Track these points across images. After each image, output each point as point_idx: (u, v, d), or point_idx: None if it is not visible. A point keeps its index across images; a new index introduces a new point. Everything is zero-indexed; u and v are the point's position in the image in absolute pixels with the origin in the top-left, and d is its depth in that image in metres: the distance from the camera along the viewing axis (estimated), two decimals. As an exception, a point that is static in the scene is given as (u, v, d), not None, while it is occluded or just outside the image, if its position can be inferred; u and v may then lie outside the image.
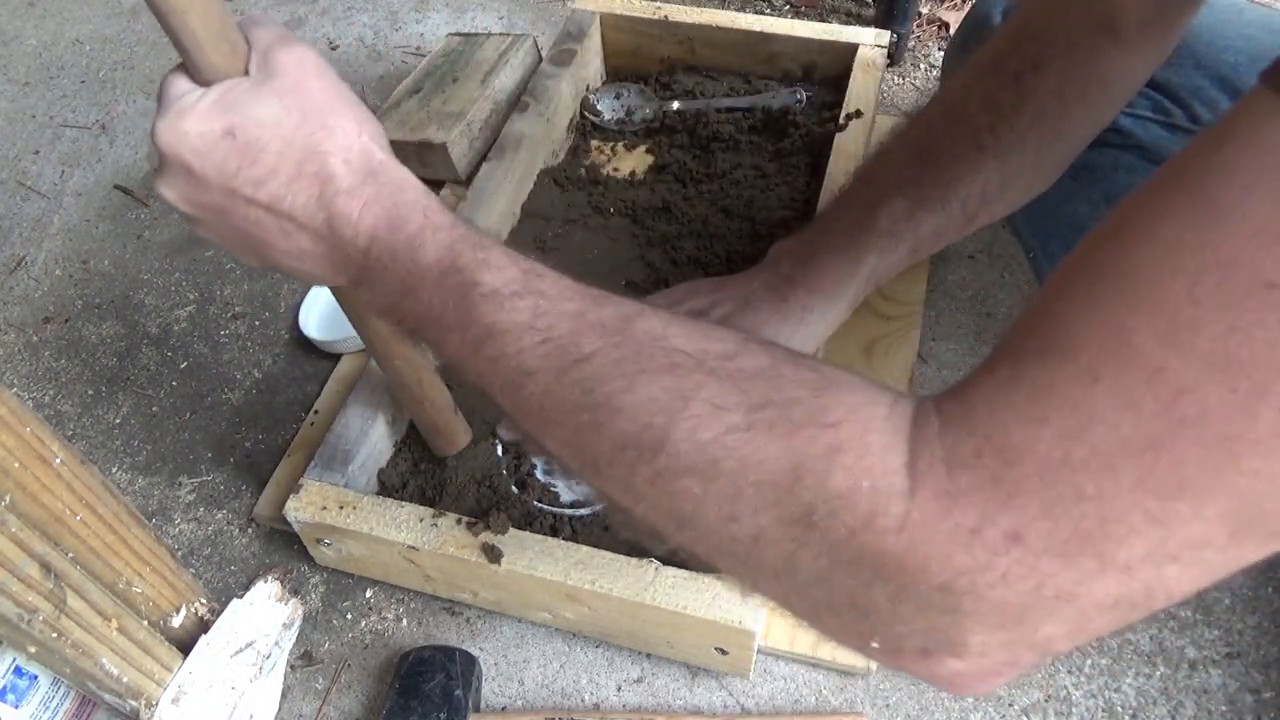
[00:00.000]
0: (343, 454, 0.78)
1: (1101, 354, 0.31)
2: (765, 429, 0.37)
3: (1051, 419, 0.32)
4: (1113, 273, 0.32)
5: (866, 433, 0.36)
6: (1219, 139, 0.31)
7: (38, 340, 1.04)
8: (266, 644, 0.74)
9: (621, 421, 0.40)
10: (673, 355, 0.40)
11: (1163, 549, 0.31)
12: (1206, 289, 0.29)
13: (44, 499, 0.58)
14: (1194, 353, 0.29)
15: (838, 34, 1.08)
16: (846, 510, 0.34)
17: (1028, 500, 0.32)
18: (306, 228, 0.49)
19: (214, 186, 0.49)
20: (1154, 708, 0.73)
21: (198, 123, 0.48)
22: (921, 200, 0.69)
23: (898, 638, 0.36)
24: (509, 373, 0.44)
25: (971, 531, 0.32)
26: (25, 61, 1.39)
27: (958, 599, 0.33)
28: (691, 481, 0.38)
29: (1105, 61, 0.62)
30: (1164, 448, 0.30)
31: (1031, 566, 0.32)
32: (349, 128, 0.50)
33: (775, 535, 0.36)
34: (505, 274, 0.46)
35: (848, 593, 0.36)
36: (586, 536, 0.77)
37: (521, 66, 1.15)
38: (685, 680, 0.76)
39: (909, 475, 0.34)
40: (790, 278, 0.75)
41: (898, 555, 0.34)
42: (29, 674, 0.66)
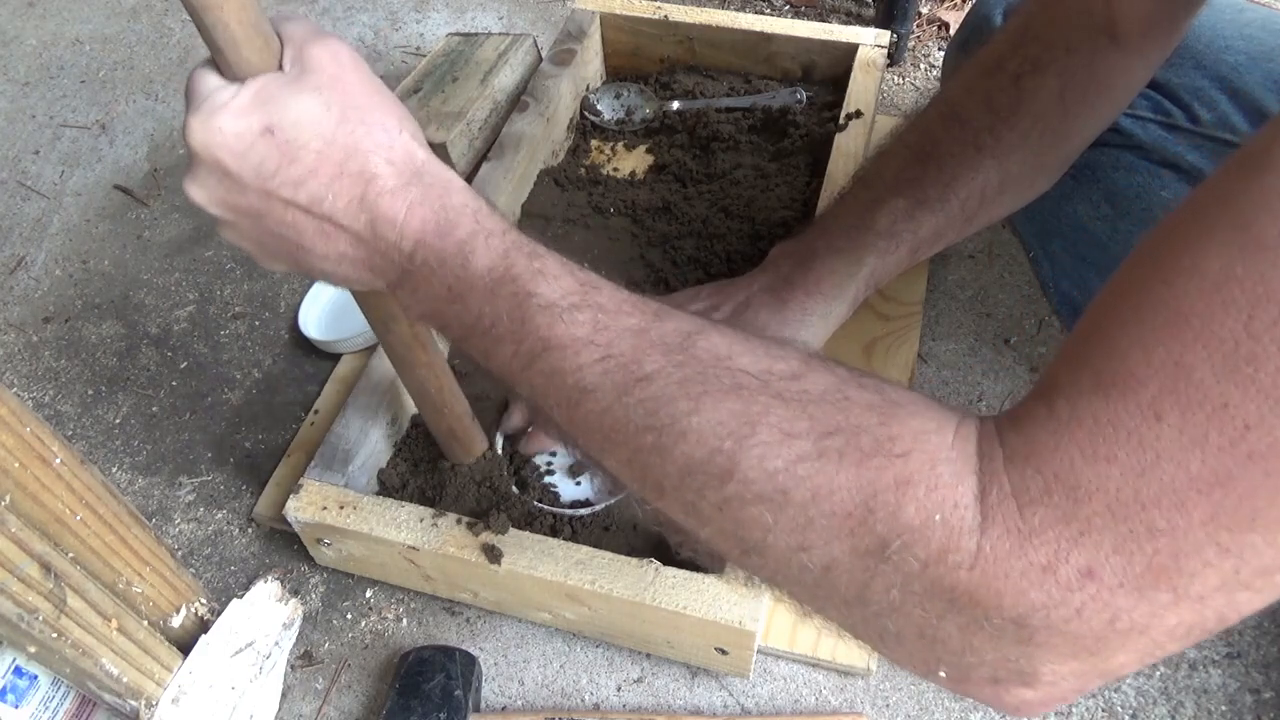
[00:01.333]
0: (343, 454, 0.78)
1: (1163, 391, 0.31)
2: (835, 457, 0.37)
3: (1118, 457, 0.32)
4: (1163, 307, 0.32)
5: (935, 464, 0.36)
6: (1257, 164, 0.31)
7: (38, 340, 1.04)
8: (266, 644, 0.74)
9: (687, 445, 0.39)
10: (737, 376, 0.40)
11: (1236, 578, 0.32)
12: (1263, 324, 0.29)
13: (44, 499, 0.58)
14: (1255, 387, 0.30)
15: (838, 34, 1.08)
16: (919, 544, 0.35)
17: (1100, 537, 0.32)
18: (347, 230, 0.47)
19: (251, 187, 0.47)
20: (1154, 708, 0.73)
21: (234, 120, 0.45)
22: (921, 201, 0.70)
23: (967, 667, 0.36)
24: (566, 389, 0.43)
25: (1044, 568, 0.33)
26: (25, 61, 1.39)
27: (1031, 632, 0.34)
28: (761, 510, 0.38)
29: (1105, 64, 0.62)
30: (1233, 482, 0.30)
31: (1106, 602, 0.32)
32: (390, 125, 0.47)
33: (848, 566, 0.36)
34: (562, 284, 0.44)
35: (918, 623, 0.36)
36: (586, 537, 0.77)
37: (521, 66, 1.15)
38: (685, 680, 0.76)
39: (979, 510, 0.34)
40: (790, 279, 0.75)
41: (970, 590, 0.34)
42: (29, 674, 0.66)
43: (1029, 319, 0.97)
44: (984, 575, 0.34)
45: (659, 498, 0.42)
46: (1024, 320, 0.97)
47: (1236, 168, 0.32)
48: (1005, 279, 1.01)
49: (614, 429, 0.42)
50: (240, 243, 0.51)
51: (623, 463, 0.43)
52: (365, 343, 0.95)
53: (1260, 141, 0.32)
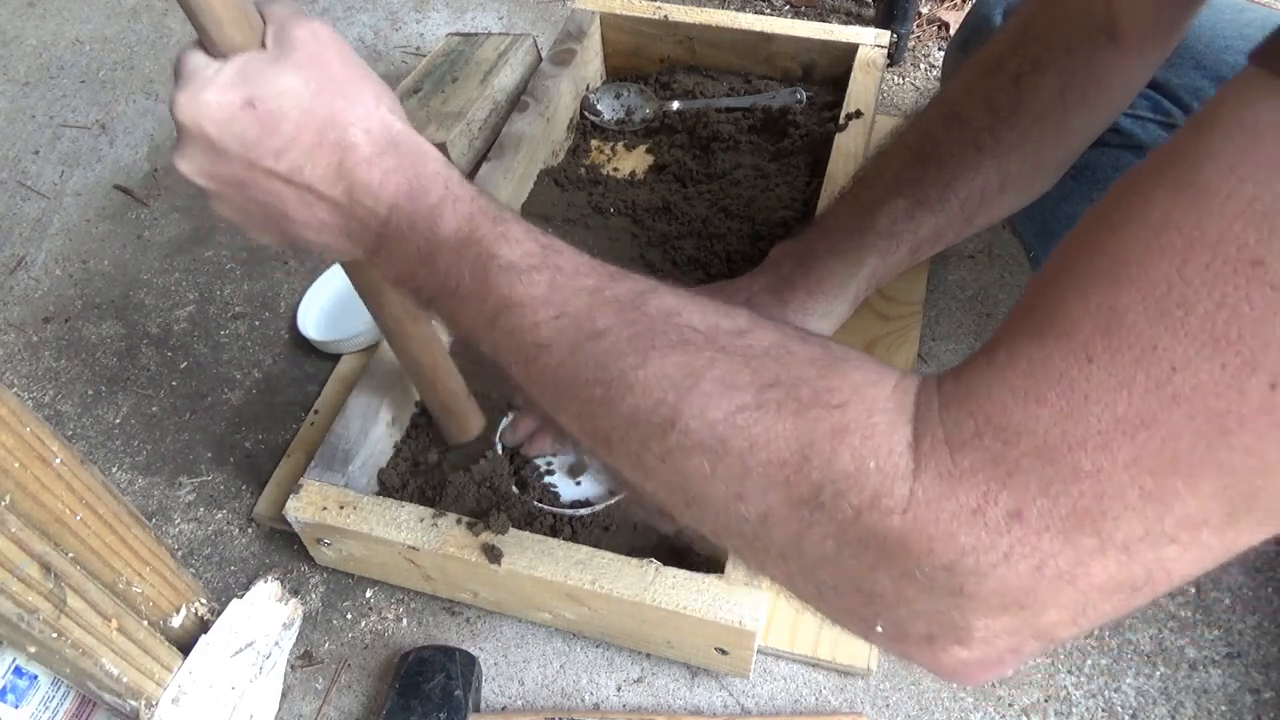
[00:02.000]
0: (343, 454, 0.78)
1: (1095, 334, 0.32)
2: (774, 408, 0.37)
3: (1048, 398, 0.32)
4: (1104, 254, 0.33)
5: (871, 413, 0.36)
6: (1207, 120, 0.31)
7: (38, 340, 1.04)
8: (266, 644, 0.74)
9: (633, 397, 0.40)
10: (684, 332, 0.41)
11: (1160, 527, 0.31)
12: (1195, 268, 0.30)
13: (44, 499, 0.58)
14: (1184, 330, 0.30)
15: (838, 34, 1.08)
16: (853, 491, 0.35)
17: (1027, 479, 0.32)
18: (325, 197, 0.49)
19: (234, 157, 0.49)
20: (1154, 708, 0.73)
21: (218, 94, 0.48)
22: (921, 201, 0.69)
23: (902, 621, 0.36)
24: (524, 346, 0.45)
25: (974, 511, 0.33)
26: (25, 61, 1.39)
27: (962, 579, 0.34)
28: (701, 459, 0.38)
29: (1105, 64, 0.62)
30: (1157, 424, 0.30)
31: (1033, 545, 0.32)
32: (367, 98, 0.50)
33: (783, 515, 0.37)
34: (523, 247, 0.46)
35: (853, 575, 0.36)
36: (586, 537, 0.77)
37: (521, 66, 1.15)
38: (685, 680, 0.76)
39: (913, 456, 0.35)
40: (790, 279, 0.75)
41: (902, 535, 0.34)
42: (29, 674, 0.66)
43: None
44: (915, 520, 0.34)
45: (608, 451, 0.43)
46: (1024, 320, 0.97)
47: (1187, 126, 0.32)
48: (1005, 279, 1.01)
49: (567, 383, 0.43)
50: (229, 214, 0.53)
51: (574, 416, 0.44)
52: (364, 343, 0.95)
53: (1211, 102, 0.32)
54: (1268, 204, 0.29)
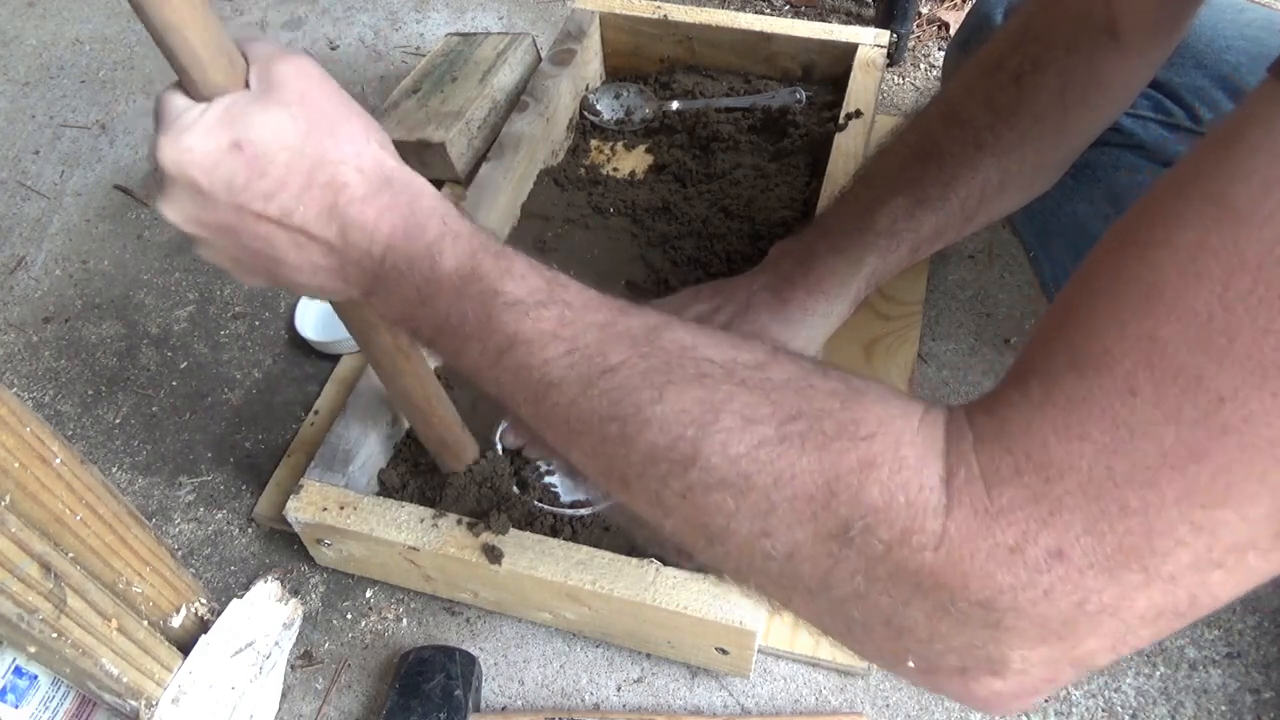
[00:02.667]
0: (343, 454, 0.78)
1: (1137, 366, 0.31)
2: (797, 442, 0.36)
3: (1091, 434, 0.31)
4: (1137, 282, 0.32)
5: (900, 446, 0.35)
6: (1231, 137, 0.31)
7: (38, 340, 1.04)
8: (266, 644, 0.74)
9: (651, 434, 0.39)
10: (701, 365, 0.40)
11: (1208, 557, 0.31)
12: (1237, 294, 0.29)
13: (44, 499, 0.58)
14: (1230, 359, 0.29)
15: (838, 34, 1.08)
16: (883, 526, 0.34)
17: (1071, 517, 0.32)
18: (319, 239, 0.48)
19: (222, 203, 0.47)
20: (1154, 708, 0.73)
21: (202, 138, 0.46)
22: (921, 200, 0.69)
23: (935, 656, 0.36)
24: (533, 384, 0.43)
25: (1012, 549, 0.32)
26: (25, 61, 1.39)
27: (999, 616, 0.33)
28: (724, 496, 0.37)
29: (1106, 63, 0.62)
30: (1208, 457, 0.30)
31: (1075, 583, 0.32)
32: (358, 135, 0.48)
33: (810, 551, 0.36)
34: (529, 283, 0.45)
35: (884, 610, 0.36)
36: (587, 537, 0.77)
37: (520, 66, 1.15)
38: (685, 680, 0.76)
39: (945, 491, 0.34)
40: (790, 278, 0.75)
41: (936, 572, 0.33)
42: (29, 674, 0.66)
43: (1029, 319, 0.97)
44: (949, 557, 0.33)
45: (624, 489, 0.42)
46: (1024, 320, 0.97)
47: (1209, 144, 0.32)
48: (1005, 279, 1.01)
49: (580, 421, 0.42)
50: (217, 260, 0.52)
51: (588, 454, 0.43)
52: (365, 343, 0.95)
53: (1233, 118, 0.31)
54: None
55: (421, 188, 0.49)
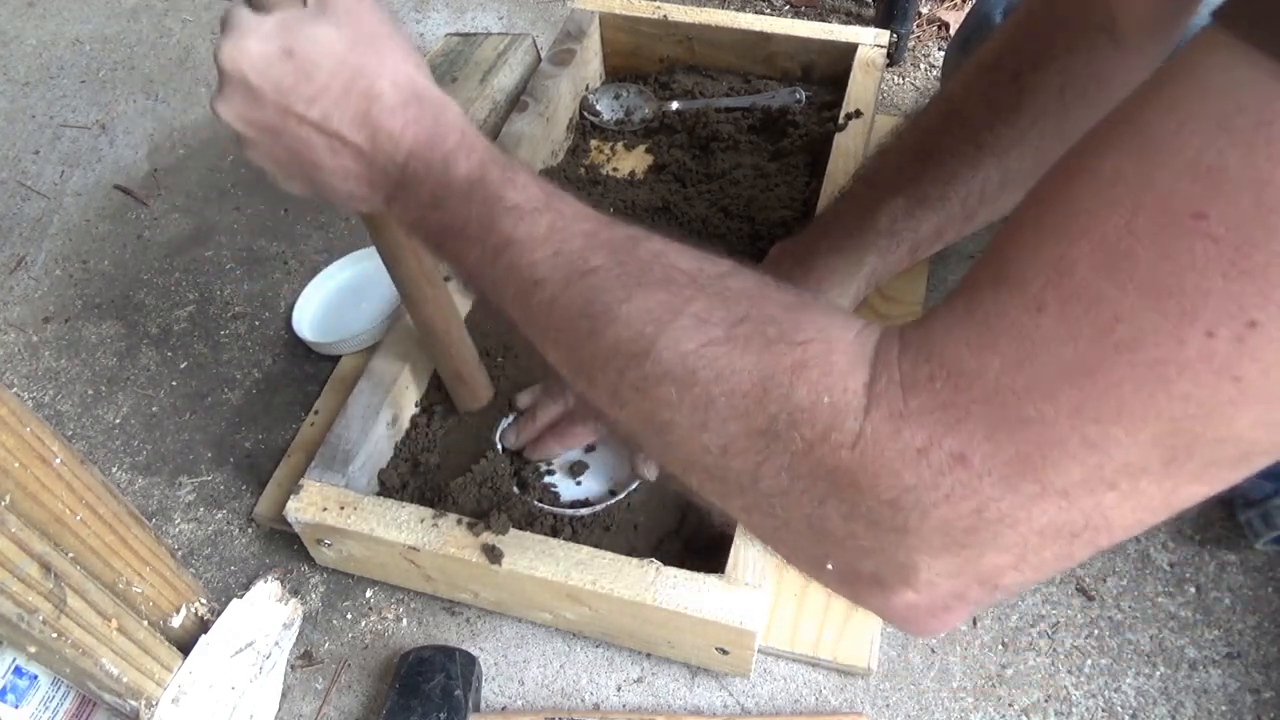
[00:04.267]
0: (343, 454, 0.78)
1: (1047, 285, 0.32)
2: (741, 343, 0.39)
3: (999, 346, 0.33)
4: (1059, 206, 0.33)
5: (832, 352, 0.38)
6: (1164, 77, 0.32)
7: (38, 340, 1.04)
8: (266, 644, 0.74)
9: (615, 329, 0.42)
10: (669, 271, 0.43)
11: (1099, 474, 0.32)
12: (1142, 221, 0.30)
13: (44, 499, 0.58)
14: (1130, 282, 0.31)
15: (837, 34, 1.08)
16: (806, 423, 0.37)
17: (974, 424, 0.33)
18: (350, 143, 0.52)
19: (269, 103, 0.52)
20: (1154, 708, 0.73)
21: (259, 42, 0.51)
22: (921, 199, 0.70)
23: (851, 560, 0.38)
24: (520, 281, 0.47)
25: (919, 451, 0.34)
26: (25, 61, 1.39)
27: (905, 516, 0.35)
28: (670, 388, 0.40)
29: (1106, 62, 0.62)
30: (1100, 373, 0.31)
31: (974, 488, 0.33)
32: (397, 55, 0.53)
33: (742, 446, 0.39)
34: (528, 192, 0.49)
35: (804, 509, 0.38)
36: (587, 537, 0.77)
37: (520, 66, 1.15)
38: (685, 680, 0.76)
39: (867, 395, 0.36)
40: (791, 278, 0.74)
41: (850, 470, 0.35)
42: (29, 674, 0.66)
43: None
44: (863, 455, 0.35)
45: (589, 383, 0.45)
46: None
47: (1145, 84, 0.33)
48: (1005, 279, 1.00)
49: (558, 317, 0.45)
50: (261, 160, 0.56)
51: (562, 348, 0.46)
52: (359, 345, 0.95)
53: (1169, 61, 0.32)
54: (1211, 159, 0.29)
55: (446, 104, 0.53)
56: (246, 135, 0.54)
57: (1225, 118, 0.29)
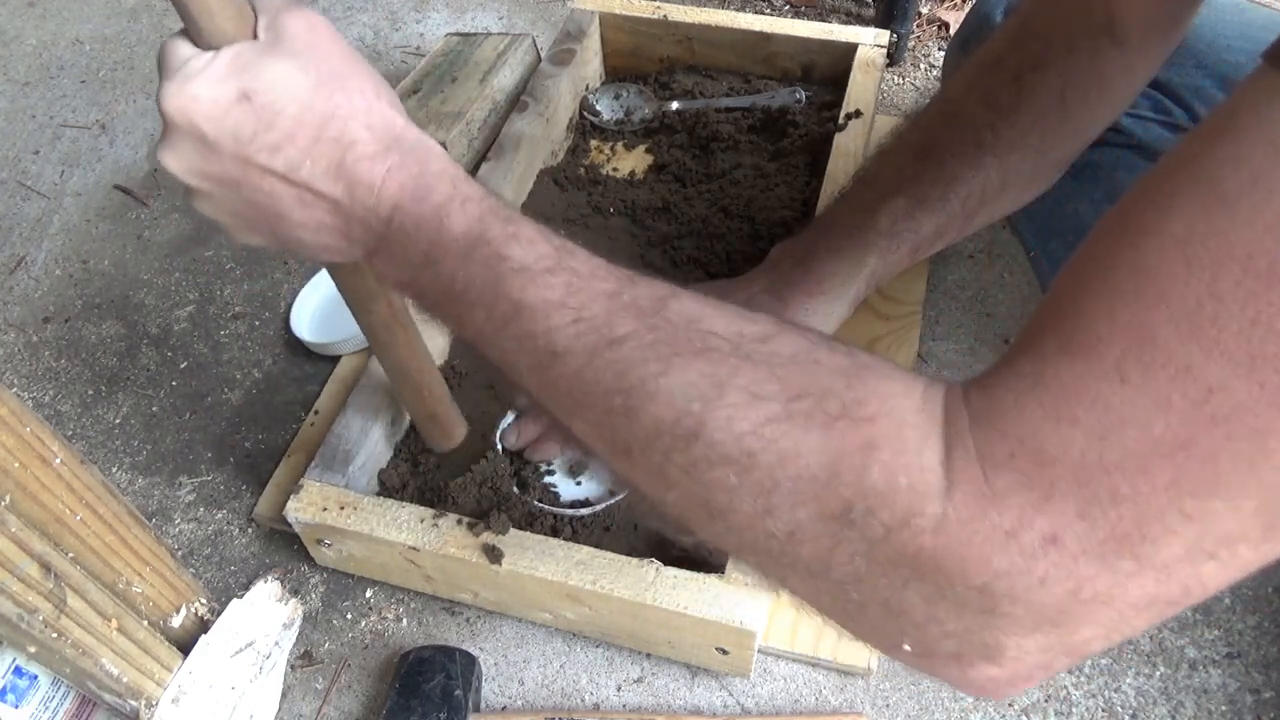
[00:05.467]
0: (343, 454, 0.78)
1: (1127, 353, 0.31)
2: (802, 420, 0.36)
3: (1082, 420, 0.31)
4: (1128, 269, 0.32)
5: (902, 427, 0.35)
6: (1223, 125, 0.31)
7: (38, 340, 1.04)
8: (266, 644, 0.74)
9: (656, 407, 0.39)
10: (707, 339, 0.39)
11: (1199, 547, 0.31)
12: (1226, 284, 0.29)
13: (44, 499, 0.57)
14: (1219, 349, 0.29)
15: (837, 34, 1.08)
16: (884, 508, 0.34)
17: (1064, 503, 0.32)
18: (325, 196, 0.47)
19: (227, 154, 0.46)
20: (1154, 708, 0.73)
21: (210, 86, 0.45)
22: (922, 200, 0.69)
23: (931, 640, 0.36)
24: (537, 352, 0.43)
25: (1008, 534, 0.32)
26: (25, 61, 1.39)
27: (995, 601, 0.33)
28: (727, 472, 0.37)
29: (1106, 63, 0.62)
30: (1196, 446, 0.30)
31: (1069, 570, 0.32)
32: (368, 92, 0.48)
33: (812, 531, 0.36)
34: (537, 249, 0.44)
35: (882, 593, 0.36)
36: (587, 537, 0.77)
37: (520, 66, 1.15)
38: (685, 680, 0.76)
39: (944, 474, 0.34)
40: (791, 279, 0.75)
41: (935, 555, 0.33)
42: (29, 674, 0.66)
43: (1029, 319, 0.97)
44: (948, 540, 0.33)
45: (627, 462, 0.41)
46: (1024, 320, 0.97)
47: (1203, 131, 0.32)
48: (1005, 279, 1.00)
49: (584, 392, 0.41)
50: (216, 214, 0.51)
51: (592, 425, 0.42)
52: (358, 345, 0.95)
53: (1227, 105, 0.31)
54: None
55: (430, 148, 0.48)
56: (199, 187, 0.49)
57: None
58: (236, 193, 0.48)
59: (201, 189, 0.49)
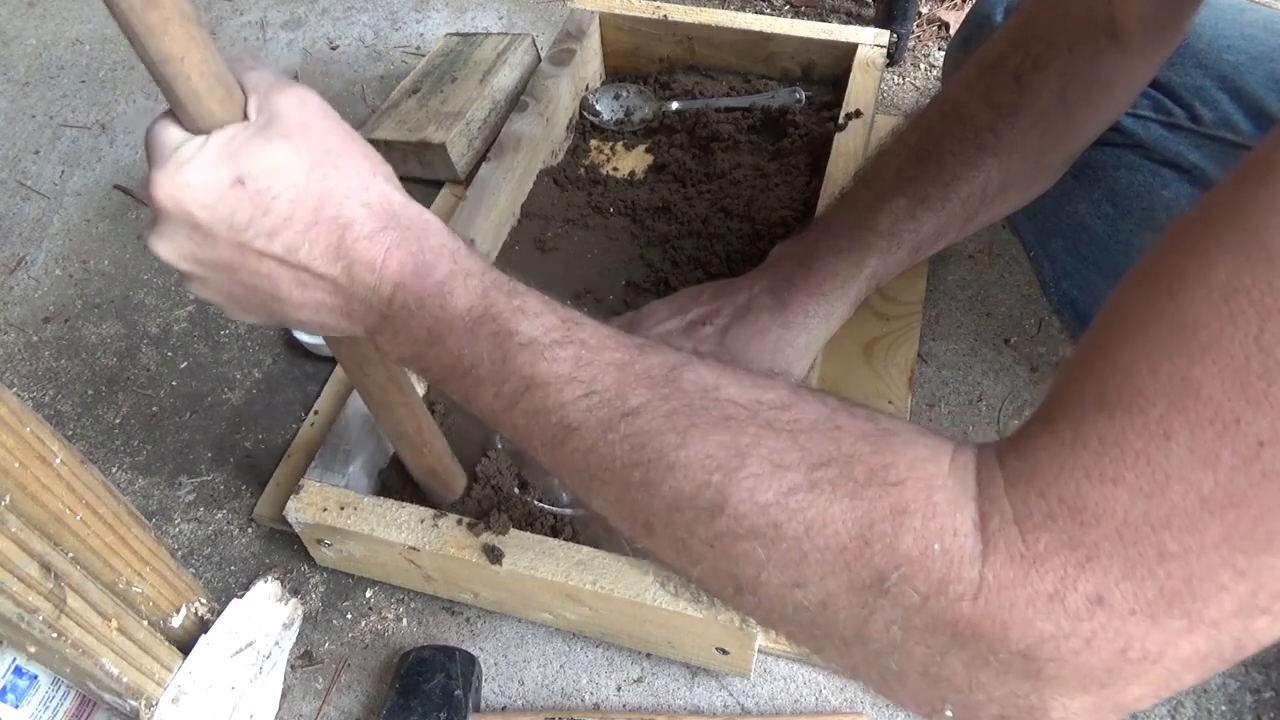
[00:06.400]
0: (343, 454, 0.78)
1: (1171, 408, 0.30)
2: (828, 489, 0.35)
3: (1126, 478, 0.31)
4: (1169, 320, 0.31)
5: (932, 492, 0.35)
6: (1264, 171, 0.30)
7: (38, 340, 1.04)
8: (266, 644, 0.74)
9: (675, 480, 0.38)
10: (725, 407, 0.39)
11: (1253, 603, 0.31)
12: (1274, 336, 0.28)
13: (44, 499, 0.57)
14: (1268, 403, 0.29)
15: (837, 34, 1.08)
16: (919, 576, 0.34)
17: (1109, 562, 0.31)
18: (324, 277, 0.46)
19: (222, 240, 0.46)
20: (1154, 707, 0.73)
21: (202, 172, 0.44)
22: (922, 200, 0.69)
23: (974, 706, 0.35)
24: (550, 428, 0.42)
25: (1051, 597, 0.32)
26: (25, 61, 1.39)
27: (1040, 665, 0.32)
28: (753, 545, 0.36)
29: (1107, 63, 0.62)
30: (1248, 502, 0.29)
31: (1118, 630, 0.31)
32: (362, 168, 0.47)
33: (845, 602, 0.35)
34: (543, 321, 0.43)
35: (921, 661, 0.35)
36: (587, 537, 0.77)
37: (520, 66, 1.15)
38: (685, 680, 0.76)
39: (980, 538, 0.33)
40: (791, 280, 0.74)
41: (974, 622, 0.33)
42: (29, 674, 0.66)
43: (1029, 319, 0.97)
44: (988, 606, 0.32)
45: (648, 536, 0.41)
46: (1024, 320, 0.97)
47: (1243, 175, 0.31)
48: (1005, 279, 1.01)
49: (600, 467, 0.41)
50: (211, 297, 0.51)
51: (610, 501, 0.42)
52: (365, 343, 0.95)
53: (1267, 148, 0.30)
54: None
55: (429, 223, 0.47)
56: (193, 273, 0.48)
57: None
58: (232, 276, 0.48)
59: (196, 274, 0.49)
